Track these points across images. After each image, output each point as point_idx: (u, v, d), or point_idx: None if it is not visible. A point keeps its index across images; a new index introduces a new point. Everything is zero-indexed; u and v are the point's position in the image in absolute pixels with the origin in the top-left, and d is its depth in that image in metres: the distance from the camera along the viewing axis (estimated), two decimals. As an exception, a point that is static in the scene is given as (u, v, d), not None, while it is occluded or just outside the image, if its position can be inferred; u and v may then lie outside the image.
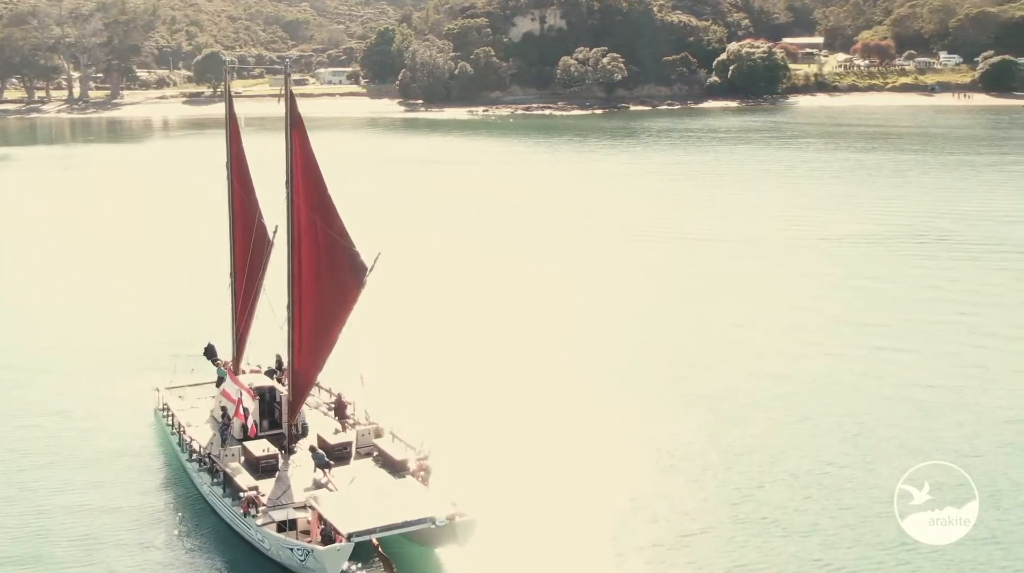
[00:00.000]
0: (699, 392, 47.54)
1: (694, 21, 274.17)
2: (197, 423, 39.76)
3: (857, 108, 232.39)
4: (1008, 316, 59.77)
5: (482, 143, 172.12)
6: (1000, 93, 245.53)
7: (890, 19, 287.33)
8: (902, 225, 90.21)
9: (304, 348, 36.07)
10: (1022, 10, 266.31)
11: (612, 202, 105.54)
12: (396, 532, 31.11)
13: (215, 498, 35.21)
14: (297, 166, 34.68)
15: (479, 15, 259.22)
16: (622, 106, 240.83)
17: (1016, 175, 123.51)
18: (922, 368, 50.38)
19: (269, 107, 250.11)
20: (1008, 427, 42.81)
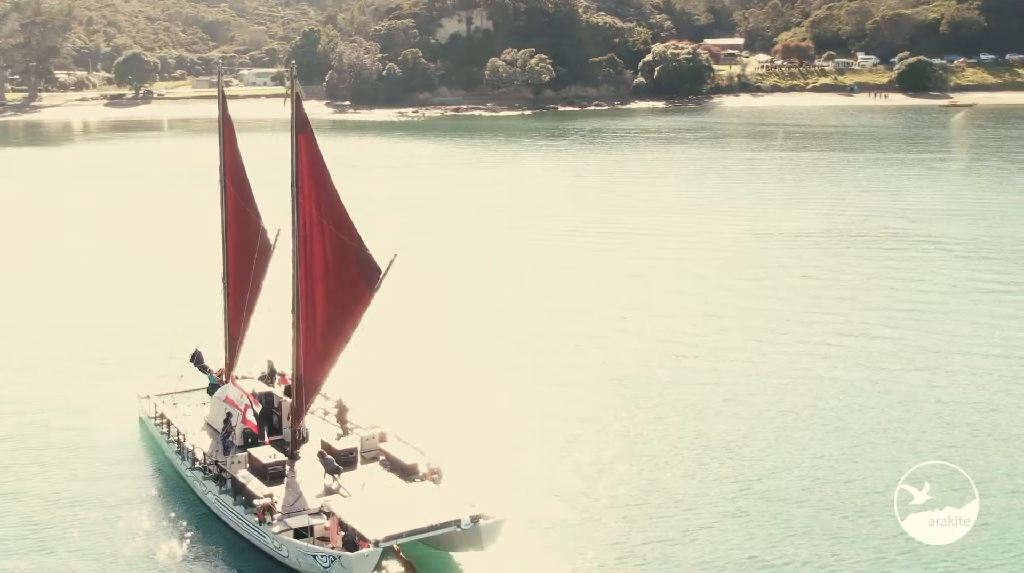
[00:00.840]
0: (696, 391, 47.88)
1: (618, 23, 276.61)
2: (194, 431, 39.04)
3: (781, 108, 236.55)
4: (1008, 316, 60.34)
5: (417, 145, 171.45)
6: (916, 93, 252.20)
7: (808, 21, 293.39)
8: (851, 222, 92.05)
9: (310, 353, 35.61)
10: (935, 12, 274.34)
11: (562, 201, 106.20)
12: (423, 536, 30.85)
13: (223, 507, 34.58)
14: (303, 169, 34.28)
15: (405, 16, 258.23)
16: (551, 107, 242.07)
17: (946, 172, 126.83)
18: (922, 368, 50.62)
19: (195, 109, 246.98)
20: (1008, 427, 43.05)
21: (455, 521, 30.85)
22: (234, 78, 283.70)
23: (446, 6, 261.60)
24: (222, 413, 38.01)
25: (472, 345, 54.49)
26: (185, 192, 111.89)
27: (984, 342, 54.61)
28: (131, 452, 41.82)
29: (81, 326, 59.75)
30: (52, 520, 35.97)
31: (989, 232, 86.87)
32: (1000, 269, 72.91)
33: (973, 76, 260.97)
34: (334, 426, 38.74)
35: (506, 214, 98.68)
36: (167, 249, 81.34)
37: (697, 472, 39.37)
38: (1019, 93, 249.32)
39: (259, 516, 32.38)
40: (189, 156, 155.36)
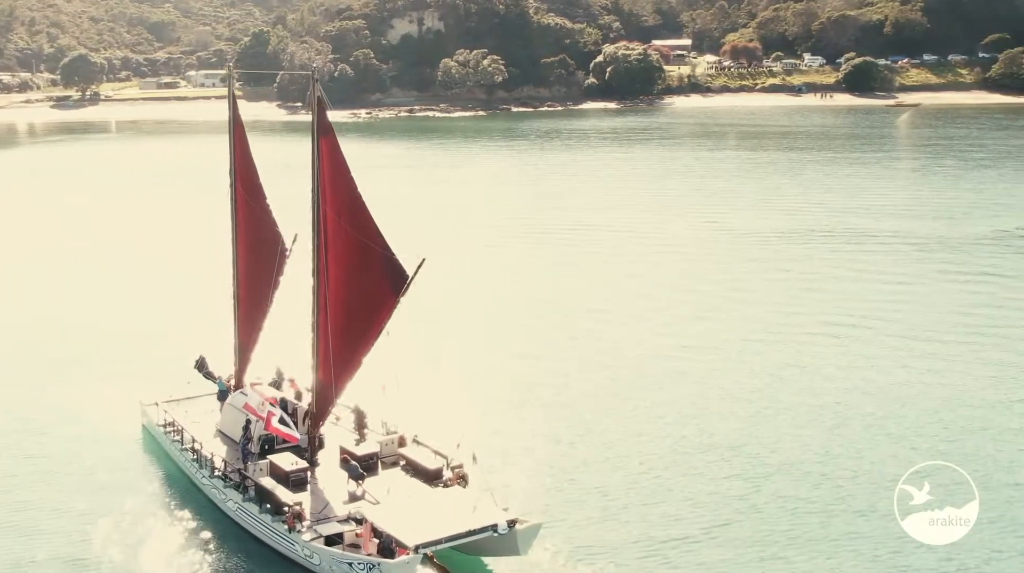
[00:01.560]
0: (696, 391, 48.23)
1: (568, 24, 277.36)
2: (207, 438, 38.50)
3: (732, 108, 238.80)
4: (1006, 315, 61.06)
5: (375, 146, 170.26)
6: (862, 93, 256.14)
7: (755, 22, 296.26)
8: (817, 220, 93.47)
9: (330, 359, 35.30)
10: (879, 13, 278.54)
11: (533, 201, 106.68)
12: (461, 541, 30.66)
13: (246, 515, 34.16)
14: (325, 173, 33.98)
15: (356, 17, 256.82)
16: (504, 107, 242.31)
17: (903, 171, 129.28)
18: (921, 368, 51.04)
19: (143, 111, 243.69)
20: (1008, 427, 43.50)
21: (492, 526, 30.79)
22: (181, 79, 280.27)
23: (397, 7, 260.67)
24: (239, 420, 37.58)
25: (475, 347, 54.43)
26: (175, 196, 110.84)
27: (984, 341, 55.00)
28: (138, 461, 41.24)
29: (80, 331, 58.73)
30: (63, 535, 35.29)
31: (956, 229, 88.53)
32: (981, 266, 74.15)
33: (917, 76, 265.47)
34: (349, 431, 38.45)
35: (479, 214, 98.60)
36: (166, 253, 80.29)
37: (706, 471, 39.78)
38: (961, 93, 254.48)
39: (289, 524, 32.04)
40: (152, 158, 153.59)
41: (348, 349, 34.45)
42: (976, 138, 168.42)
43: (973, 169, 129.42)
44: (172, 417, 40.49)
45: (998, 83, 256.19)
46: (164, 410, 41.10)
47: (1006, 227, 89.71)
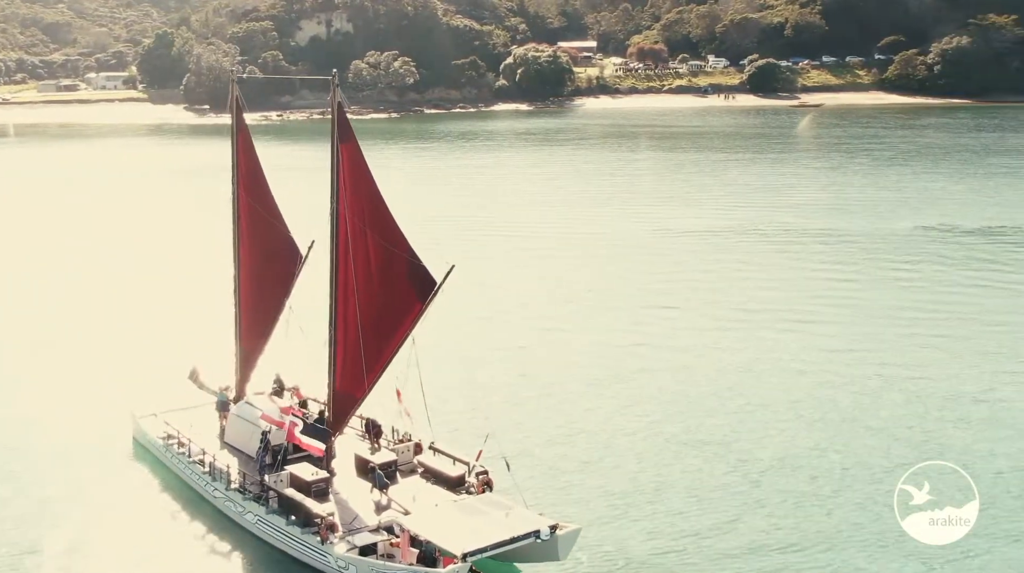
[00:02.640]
0: (695, 391, 48.76)
1: (477, 25, 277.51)
2: (214, 450, 37.63)
3: (642, 110, 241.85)
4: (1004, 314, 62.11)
5: (293, 149, 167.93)
6: (766, 94, 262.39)
7: (659, 24, 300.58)
8: (750, 219, 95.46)
9: (348, 368, 34.87)
10: (779, 16, 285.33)
11: (464, 202, 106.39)
12: (505, 549, 30.36)
13: (269, 528, 33.46)
14: (345, 178, 33.56)
15: (263, 18, 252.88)
16: (416, 109, 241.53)
17: (822, 170, 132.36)
18: (921, 367, 51.41)
19: (44, 114, 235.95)
20: (1008, 427, 43.71)
21: (535, 532, 30.50)
22: (80, 81, 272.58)
23: (304, 8, 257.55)
24: (248, 431, 36.88)
25: (478, 348, 54.17)
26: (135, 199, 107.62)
27: (983, 341, 55.72)
28: (134, 475, 39.94)
29: (62, 342, 56.76)
30: (64, 557, 33.89)
31: (888, 225, 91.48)
32: (939, 262, 76.56)
33: (817, 77, 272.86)
34: (358, 439, 38.00)
35: (424, 215, 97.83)
36: (151, 260, 78.09)
37: (704, 467, 40.31)
38: (859, 94, 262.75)
39: (322, 535, 31.51)
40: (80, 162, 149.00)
41: (370, 357, 34.02)
42: (883, 137, 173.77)
43: (888, 167, 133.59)
44: (174, 429, 39.41)
45: (894, 84, 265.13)
46: (165, 422, 39.98)
47: (928, 223, 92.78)
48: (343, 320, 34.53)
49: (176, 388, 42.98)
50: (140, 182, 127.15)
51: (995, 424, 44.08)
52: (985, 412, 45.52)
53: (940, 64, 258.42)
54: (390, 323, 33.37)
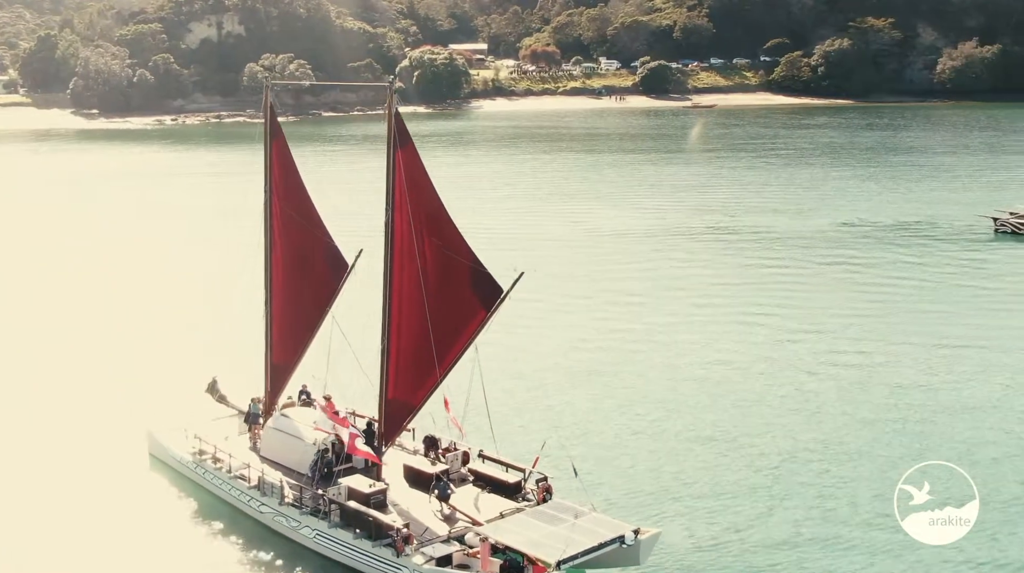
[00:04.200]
0: (697, 389, 49.18)
1: (369, 28, 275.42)
2: (255, 464, 36.74)
3: (539, 112, 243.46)
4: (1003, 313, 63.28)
5: (197, 154, 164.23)
6: (658, 95, 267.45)
7: (550, 27, 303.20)
8: (681, 218, 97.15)
9: (402, 376, 34.51)
10: (668, 19, 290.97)
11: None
12: (594, 555, 30.29)
13: (332, 543, 32.87)
14: (400, 184, 33.23)
15: (151, 20, 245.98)
16: (314, 113, 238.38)
17: (736, 170, 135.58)
18: (921, 367, 51.94)
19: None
20: (1008, 427, 44.11)
21: (620, 537, 30.52)
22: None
23: (194, 10, 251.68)
24: (289, 443, 36.17)
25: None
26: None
27: (982, 340, 56.62)
28: (161, 494, 38.57)
29: (69, 355, 54.43)
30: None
31: (818, 222, 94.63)
32: (892, 257, 79.28)
33: (707, 79, 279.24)
34: (405, 450, 37.57)
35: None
36: (161, 271, 75.62)
37: (705, 465, 40.66)
38: (748, 95, 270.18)
39: (398, 548, 31.13)
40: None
41: (429, 364, 33.71)
42: (784, 137, 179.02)
43: (798, 166, 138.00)
44: (207, 444, 38.34)
45: (780, 85, 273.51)
46: (196, 437, 38.81)
47: (847, 219, 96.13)
48: (397, 328, 34.13)
49: (189, 402, 41.75)
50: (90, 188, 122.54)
51: (995, 424, 44.49)
52: (985, 412, 45.96)
53: (823, 66, 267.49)
54: (452, 330, 33.10)
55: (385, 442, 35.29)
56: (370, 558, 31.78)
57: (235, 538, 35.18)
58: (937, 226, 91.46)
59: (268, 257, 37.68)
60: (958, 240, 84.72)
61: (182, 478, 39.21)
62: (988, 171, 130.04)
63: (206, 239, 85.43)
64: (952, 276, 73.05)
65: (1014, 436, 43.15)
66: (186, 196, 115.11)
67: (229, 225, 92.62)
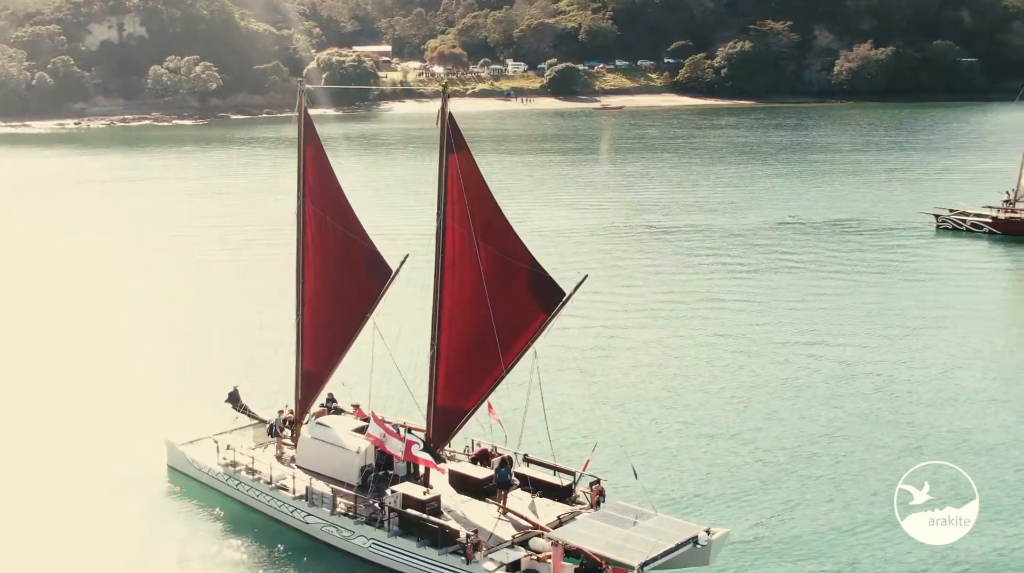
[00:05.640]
0: (699, 389, 49.52)
1: (274, 30, 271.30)
2: (294, 475, 35.94)
3: (453, 113, 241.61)
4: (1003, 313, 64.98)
5: (105, 158, 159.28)
6: (566, 97, 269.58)
7: (456, 29, 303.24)
8: (623, 217, 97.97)
9: (454, 382, 34.18)
10: (573, 21, 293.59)
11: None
12: (671, 556, 30.30)
13: (392, 552, 32.35)
14: (453, 189, 32.93)
15: (48, 22, 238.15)
16: (222, 115, 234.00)
17: (663, 169, 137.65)
18: (921, 368, 52.40)
19: None
20: (1008, 427, 44.42)
21: (693, 538, 30.47)
22: None
23: (93, 12, 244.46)
24: (329, 452, 35.52)
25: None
26: None
27: (982, 340, 57.26)
28: (189, 508, 37.47)
29: (79, 366, 52.39)
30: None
31: (755, 219, 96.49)
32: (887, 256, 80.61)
33: (614, 81, 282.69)
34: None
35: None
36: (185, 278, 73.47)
37: (696, 472, 40.63)
38: (654, 96, 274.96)
39: (468, 555, 30.81)
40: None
41: (484, 369, 33.47)
42: (700, 137, 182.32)
43: (721, 166, 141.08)
44: (239, 456, 37.36)
45: (685, 86, 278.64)
46: (227, 447, 37.77)
47: (784, 217, 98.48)
48: (448, 334, 33.79)
49: (209, 413, 40.73)
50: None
51: (995, 424, 44.87)
52: (985, 412, 46.36)
53: (726, 67, 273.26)
54: (509, 334, 32.86)
55: (436, 448, 34.85)
56: (436, 566, 31.38)
57: (284, 551, 34.36)
58: (879, 223, 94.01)
59: (300, 263, 36.94)
60: (906, 236, 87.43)
61: (208, 490, 38.15)
62: (906, 169, 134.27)
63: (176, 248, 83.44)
64: (915, 272, 75.65)
65: (1014, 436, 43.54)
66: (132, 201, 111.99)
67: (186, 231, 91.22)
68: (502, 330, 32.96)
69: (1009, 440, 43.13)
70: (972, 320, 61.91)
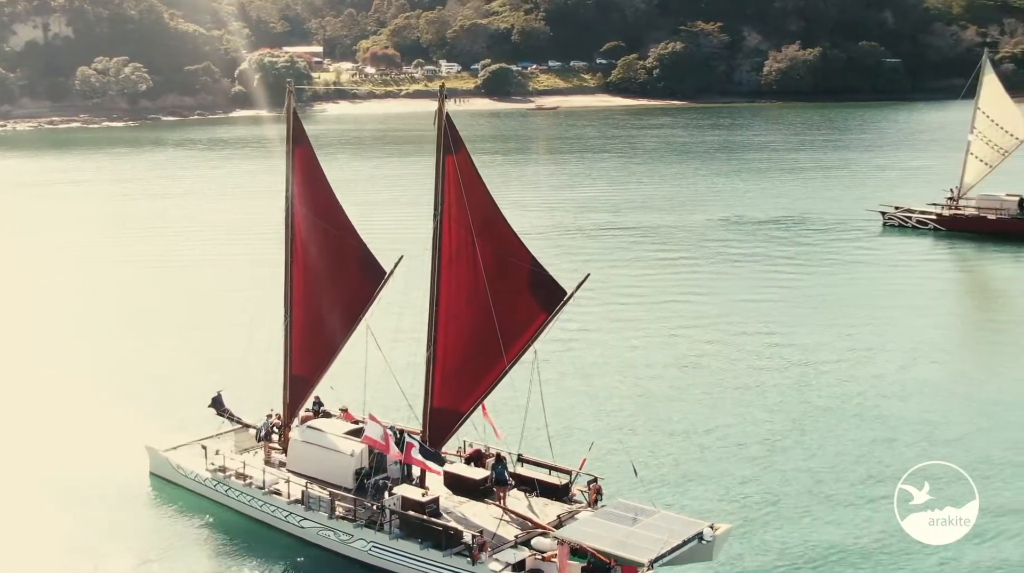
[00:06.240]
0: (699, 389, 49.58)
1: (203, 31, 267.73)
2: (291, 477, 35.53)
3: (386, 114, 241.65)
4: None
5: (29, 161, 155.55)
6: (501, 97, 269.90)
7: (388, 30, 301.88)
8: (571, 217, 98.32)
9: (450, 383, 34.04)
10: (505, 22, 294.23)
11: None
12: (676, 553, 30.40)
13: (395, 554, 32.15)
14: (450, 190, 32.84)
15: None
16: (153, 117, 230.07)
17: (605, 169, 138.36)
18: (921, 367, 52.49)
19: None
20: (1007, 426, 44.30)
21: (698, 534, 30.52)
22: None
23: (17, 12, 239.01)
24: (320, 455, 35.15)
25: None
26: None
27: (981, 339, 58.25)
28: (175, 516, 36.81)
29: (59, 372, 51.20)
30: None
31: (705, 217, 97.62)
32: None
33: (547, 81, 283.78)
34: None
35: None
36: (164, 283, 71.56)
37: (715, 462, 41.30)
38: (587, 97, 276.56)
39: (475, 556, 30.71)
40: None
41: (480, 370, 33.40)
42: (639, 137, 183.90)
43: (662, 165, 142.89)
44: (229, 461, 36.79)
45: (618, 87, 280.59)
46: (218, 453, 37.18)
47: (729, 215, 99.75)
48: (444, 336, 33.65)
49: (188, 418, 40.09)
50: None
51: (995, 424, 44.83)
52: (986, 412, 46.33)
53: (658, 68, 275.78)
54: (509, 334, 32.79)
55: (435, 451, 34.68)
56: (442, 568, 31.23)
57: (275, 556, 33.93)
58: (826, 221, 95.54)
59: (288, 266, 36.50)
60: (855, 233, 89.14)
61: (195, 497, 37.54)
62: (842, 167, 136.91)
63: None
64: (867, 267, 77.30)
65: (1014, 436, 43.58)
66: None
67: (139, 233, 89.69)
68: (502, 330, 32.89)
69: (1009, 440, 43.13)
70: (931, 315, 63.18)
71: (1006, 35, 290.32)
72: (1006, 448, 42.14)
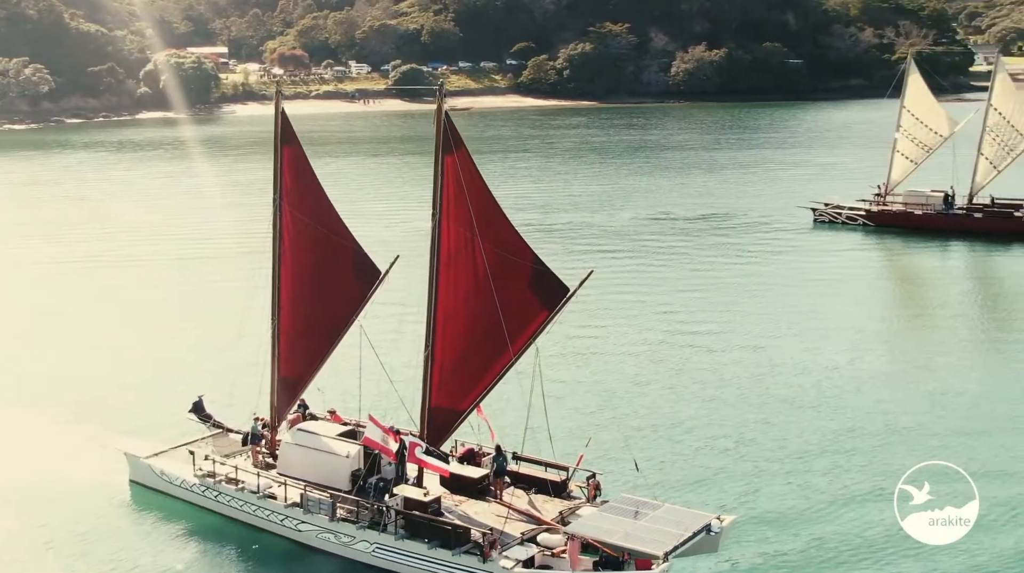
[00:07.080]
0: (699, 383, 50.25)
1: (105, 31, 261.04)
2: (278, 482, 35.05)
3: (296, 116, 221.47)
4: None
5: None
6: (412, 98, 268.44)
7: (295, 30, 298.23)
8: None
9: (448, 382, 33.99)
10: (415, 23, 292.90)
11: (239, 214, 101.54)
12: (687, 546, 30.64)
13: (401, 554, 32.02)
14: (448, 189, 32.80)
15: None
16: (56, 120, 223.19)
17: (528, 169, 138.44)
18: (920, 367, 52.94)
19: None
20: (1008, 426, 44.47)
21: (706, 526, 30.95)
22: None
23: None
24: (314, 457, 34.81)
25: None
26: None
27: (981, 339, 58.34)
28: (162, 525, 36.01)
29: (32, 377, 49.94)
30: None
31: (636, 215, 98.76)
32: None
33: (458, 82, 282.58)
34: None
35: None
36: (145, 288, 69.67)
37: (707, 445, 42.51)
38: (498, 97, 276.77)
39: (485, 554, 30.72)
40: None
41: (480, 368, 33.43)
42: (556, 137, 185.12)
43: (582, 164, 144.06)
44: (219, 466, 36.12)
45: (528, 87, 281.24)
46: (206, 457, 36.47)
47: (656, 213, 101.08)
48: (443, 334, 33.59)
49: (167, 424, 39.30)
50: None
51: (995, 424, 45.00)
52: (986, 412, 46.53)
53: (568, 69, 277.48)
54: (510, 333, 32.83)
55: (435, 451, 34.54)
56: (451, 567, 31.18)
57: (273, 561, 33.64)
58: (756, 218, 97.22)
59: (276, 267, 36.01)
60: (787, 230, 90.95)
61: (181, 504, 36.79)
62: (758, 165, 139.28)
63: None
64: (800, 261, 79.09)
65: (1014, 436, 43.80)
66: None
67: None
68: (501, 328, 32.93)
69: (1009, 440, 43.37)
70: (931, 316, 64.50)
71: (901, 36, 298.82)
72: (1006, 448, 42.40)
